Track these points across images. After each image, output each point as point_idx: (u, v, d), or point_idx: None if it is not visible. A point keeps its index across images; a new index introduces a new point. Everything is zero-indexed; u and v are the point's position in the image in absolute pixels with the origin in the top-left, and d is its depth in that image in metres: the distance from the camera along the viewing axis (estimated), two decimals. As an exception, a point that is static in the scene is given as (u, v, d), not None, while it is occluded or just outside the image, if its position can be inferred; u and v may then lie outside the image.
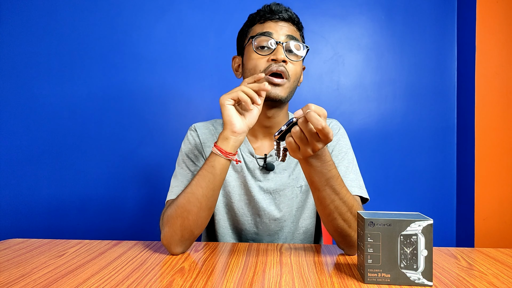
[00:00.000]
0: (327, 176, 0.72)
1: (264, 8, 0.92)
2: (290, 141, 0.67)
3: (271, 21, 0.90)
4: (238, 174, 0.97)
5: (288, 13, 0.91)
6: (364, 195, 0.89)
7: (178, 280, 0.66)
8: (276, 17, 0.90)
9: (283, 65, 0.86)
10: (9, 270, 0.71)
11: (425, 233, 0.62)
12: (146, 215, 1.61)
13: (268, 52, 0.87)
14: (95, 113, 1.61)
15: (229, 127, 0.78)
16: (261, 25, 0.91)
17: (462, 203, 1.59)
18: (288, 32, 0.89)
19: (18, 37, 1.61)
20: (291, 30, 0.90)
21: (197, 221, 0.80)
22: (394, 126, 1.63)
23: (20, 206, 1.60)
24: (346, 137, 1.00)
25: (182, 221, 0.79)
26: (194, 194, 0.79)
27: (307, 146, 0.67)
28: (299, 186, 0.98)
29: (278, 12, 0.90)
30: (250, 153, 0.97)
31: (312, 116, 0.62)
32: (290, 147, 0.68)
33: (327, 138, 0.64)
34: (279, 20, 0.90)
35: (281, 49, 0.86)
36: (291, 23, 0.91)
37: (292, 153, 0.69)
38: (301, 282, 0.65)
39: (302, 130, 0.65)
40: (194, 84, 1.62)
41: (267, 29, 0.89)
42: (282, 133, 0.68)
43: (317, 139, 0.65)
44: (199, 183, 0.79)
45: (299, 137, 0.65)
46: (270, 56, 0.86)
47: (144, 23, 1.62)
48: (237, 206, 0.97)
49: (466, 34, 1.58)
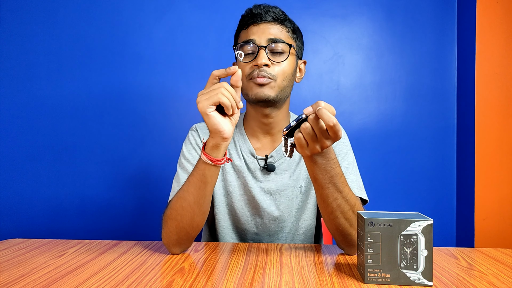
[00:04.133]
0: (331, 174, 0.72)
1: (246, 13, 0.91)
2: (299, 136, 0.67)
3: (253, 25, 0.90)
4: (239, 174, 0.97)
5: (270, 13, 0.89)
6: (363, 197, 0.89)
7: (178, 280, 0.66)
8: (258, 20, 0.89)
9: (264, 70, 0.86)
10: (9, 270, 0.71)
11: (425, 233, 0.62)
12: (146, 215, 1.61)
13: (251, 58, 0.88)
14: (95, 113, 1.61)
15: (218, 134, 0.73)
16: (245, 31, 0.91)
17: (462, 203, 1.59)
18: (271, 34, 0.88)
19: (18, 37, 1.61)
20: (275, 31, 0.89)
21: (192, 224, 0.80)
22: (394, 126, 1.63)
23: (20, 206, 1.60)
24: (346, 138, 1.01)
25: (177, 223, 0.79)
26: (186, 200, 0.78)
27: (315, 143, 0.67)
28: (299, 187, 0.98)
29: (259, 15, 0.89)
30: (251, 154, 0.97)
31: (324, 113, 0.62)
32: (298, 143, 0.68)
33: (336, 135, 0.65)
34: (261, 22, 0.89)
35: (262, 53, 0.86)
36: (275, 22, 0.90)
37: (300, 149, 0.69)
38: (301, 282, 0.65)
39: (312, 126, 0.65)
40: (194, 84, 1.62)
41: (250, 35, 0.89)
42: (291, 128, 0.68)
43: (327, 136, 0.66)
44: (190, 190, 0.78)
45: (309, 134, 0.66)
46: (253, 62, 0.87)
47: (144, 23, 1.62)
48: (238, 206, 0.97)
49: (466, 34, 1.57)
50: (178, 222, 0.79)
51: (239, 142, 0.99)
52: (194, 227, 0.80)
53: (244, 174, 0.96)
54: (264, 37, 0.88)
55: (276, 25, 0.90)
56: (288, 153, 0.72)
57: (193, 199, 0.78)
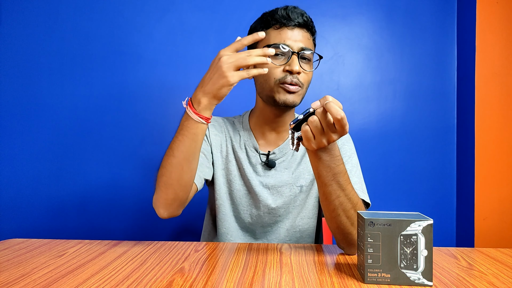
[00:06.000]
0: (335, 171, 0.72)
1: (281, 13, 0.89)
2: (306, 129, 0.68)
3: (287, 28, 0.88)
4: (240, 166, 0.99)
5: (304, 18, 0.89)
6: (366, 200, 0.90)
7: (178, 280, 0.66)
8: (292, 24, 0.88)
9: (297, 77, 0.87)
10: (9, 270, 0.71)
11: (425, 233, 0.62)
12: (146, 215, 1.61)
13: (283, 61, 0.87)
14: (96, 113, 1.61)
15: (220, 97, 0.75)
16: (277, 30, 0.89)
17: (462, 203, 1.59)
18: (303, 40, 0.88)
19: (18, 37, 1.61)
20: (305, 38, 0.89)
21: (180, 181, 0.80)
22: (394, 126, 1.63)
23: (20, 206, 1.60)
24: (351, 142, 1.02)
25: (165, 179, 0.80)
26: (175, 157, 0.79)
27: (322, 137, 0.67)
28: (299, 186, 0.99)
29: (295, 18, 0.88)
30: (254, 148, 0.99)
31: (332, 106, 0.63)
32: (305, 136, 0.68)
33: (343, 129, 0.66)
34: (295, 27, 0.88)
35: (296, 60, 0.86)
36: (306, 29, 0.90)
37: (306, 143, 0.70)
38: (301, 282, 0.65)
39: (320, 120, 0.66)
40: (194, 85, 1.60)
41: (284, 37, 0.88)
42: (298, 122, 0.69)
43: (333, 130, 0.66)
44: (179, 148, 0.78)
45: (316, 127, 0.66)
46: (285, 67, 0.87)
47: (144, 23, 1.62)
48: (236, 195, 1.00)
49: (466, 34, 1.57)
50: (167, 178, 0.80)
51: (243, 136, 1.01)
52: (182, 185, 0.81)
53: (244, 167, 0.98)
54: (297, 44, 0.87)
55: (306, 32, 0.90)
56: (295, 147, 0.72)
57: (183, 156, 0.78)
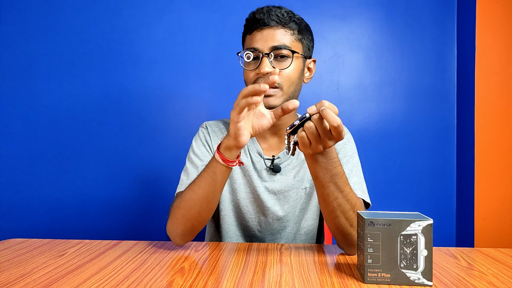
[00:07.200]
0: (332, 172, 0.72)
1: (250, 17, 0.88)
2: (302, 135, 0.67)
3: (257, 31, 0.87)
4: (245, 173, 0.98)
5: (273, 17, 0.86)
6: (366, 199, 0.89)
7: (178, 280, 0.66)
8: (261, 26, 0.86)
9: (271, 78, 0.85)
10: (9, 270, 0.71)
11: (425, 233, 0.62)
12: (146, 215, 1.61)
13: (255, 65, 0.87)
14: (95, 113, 1.61)
15: (236, 139, 0.74)
16: (250, 36, 0.89)
17: (462, 203, 1.59)
18: (274, 40, 0.85)
19: (18, 37, 1.61)
20: (279, 35, 0.86)
21: (198, 217, 0.82)
22: (394, 126, 1.63)
23: (20, 206, 1.60)
24: (352, 142, 1.01)
25: (184, 213, 0.81)
26: (195, 193, 0.80)
27: (318, 143, 0.67)
28: (303, 188, 0.98)
29: (261, 20, 0.86)
30: (258, 153, 0.97)
31: (328, 113, 0.62)
32: (301, 142, 0.68)
33: (339, 136, 0.65)
34: (264, 28, 0.86)
35: (265, 61, 0.84)
36: (278, 26, 0.87)
37: (302, 148, 0.69)
38: (301, 282, 0.65)
39: (316, 126, 0.65)
40: (194, 84, 1.62)
41: (253, 42, 0.87)
42: (294, 127, 0.69)
43: (330, 136, 0.66)
44: (200, 184, 0.79)
45: (312, 133, 0.66)
46: (256, 70, 0.86)
47: (143, 23, 1.62)
48: (243, 204, 0.98)
49: (466, 34, 1.57)
50: (186, 212, 0.80)
51: None
52: (200, 221, 0.82)
53: (250, 173, 0.97)
54: (267, 45, 0.85)
55: (280, 29, 0.87)
56: (291, 151, 0.72)
57: (203, 193, 0.79)
